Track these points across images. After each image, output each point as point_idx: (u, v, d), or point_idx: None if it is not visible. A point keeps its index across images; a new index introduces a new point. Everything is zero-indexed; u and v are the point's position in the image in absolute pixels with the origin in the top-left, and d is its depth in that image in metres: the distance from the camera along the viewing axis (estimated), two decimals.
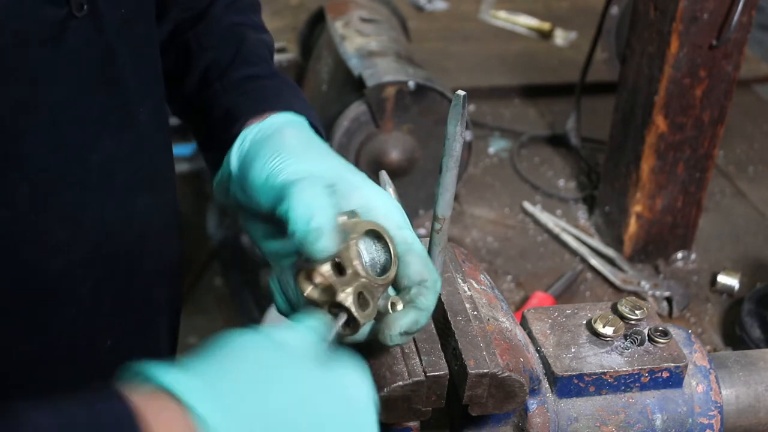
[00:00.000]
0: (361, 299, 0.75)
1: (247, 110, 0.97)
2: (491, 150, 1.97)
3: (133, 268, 0.99)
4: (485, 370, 0.77)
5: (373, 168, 1.61)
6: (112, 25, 0.89)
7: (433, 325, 0.82)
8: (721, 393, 0.90)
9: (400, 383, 0.76)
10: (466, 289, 0.86)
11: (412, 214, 1.70)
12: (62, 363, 0.94)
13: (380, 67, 1.66)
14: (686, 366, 0.87)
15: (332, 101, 1.74)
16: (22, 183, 0.84)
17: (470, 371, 0.77)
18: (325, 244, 0.76)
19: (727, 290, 1.57)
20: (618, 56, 1.92)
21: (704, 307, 1.56)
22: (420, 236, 0.86)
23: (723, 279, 1.58)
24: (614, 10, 1.91)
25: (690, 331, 0.94)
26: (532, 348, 0.87)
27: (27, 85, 0.83)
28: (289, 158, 0.87)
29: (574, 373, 0.85)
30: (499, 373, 0.77)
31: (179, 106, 1.10)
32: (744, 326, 1.44)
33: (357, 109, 1.63)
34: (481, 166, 1.91)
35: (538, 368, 0.85)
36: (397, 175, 1.64)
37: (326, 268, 0.76)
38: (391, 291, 0.80)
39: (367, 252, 0.80)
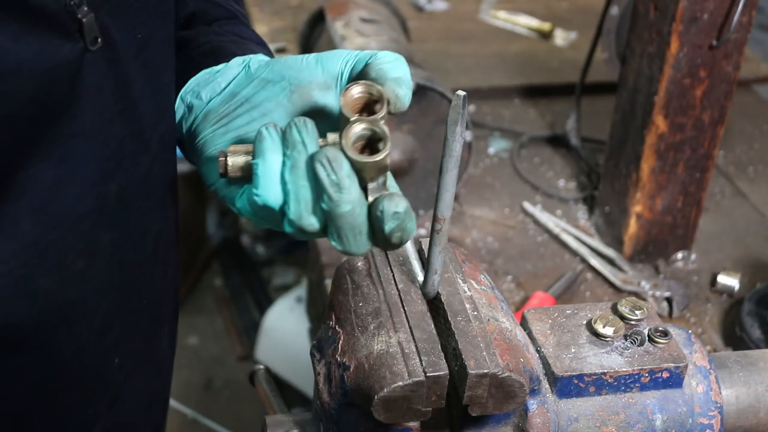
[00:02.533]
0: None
1: (237, 50, 0.97)
2: (491, 150, 1.97)
3: (142, 289, 0.99)
4: (485, 371, 0.77)
5: None
6: (128, 53, 0.88)
7: (433, 325, 0.82)
8: (721, 393, 0.90)
9: (400, 383, 0.76)
10: (466, 289, 0.86)
11: None
12: (71, 383, 0.94)
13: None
14: (686, 366, 0.87)
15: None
16: (29, 213, 0.83)
17: (470, 371, 0.77)
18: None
19: (727, 290, 1.57)
20: (618, 56, 1.92)
21: (704, 307, 1.56)
22: (420, 236, 0.86)
23: (723, 279, 1.58)
24: (614, 10, 1.91)
25: (690, 331, 0.94)
26: (532, 348, 0.87)
27: (44, 122, 0.81)
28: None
29: (574, 374, 0.85)
30: (499, 373, 0.77)
31: None
32: (744, 326, 1.44)
33: None
34: (481, 166, 1.91)
35: (538, 368, 0.85)
36: (397, 175, 1.64)
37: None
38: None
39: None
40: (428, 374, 0.77)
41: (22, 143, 0.80)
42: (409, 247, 0.89)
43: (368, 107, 0.81)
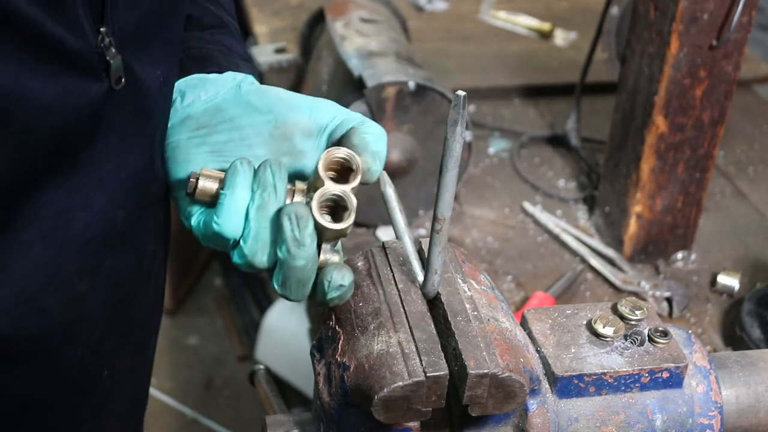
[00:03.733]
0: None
1: (223, 61, 0.99)
2: (491, 150, 1.97)
3: (137, 304, 1.02)
4: (485, 371, 0.77)
5: None
6: (148, 90, 0.90)
7: (433, 325, 0.82)
8: (721, 393, 0.90)
9: (400, 383, 0.76)
10: (466, 289, 0.86)
11: (412, 214, 1.70)
12: (65, 392, 0.97)
13: (380, 68, 1.66)
14: (686, 366, 0.87)
15: (332, 101, 1.74)
16: (41, 236, 0.86)
17: (470, 371, 0.77)
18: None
19: (727, 290, 1.57)
20: (618, 56, 1.92)
21: (704, 307, 1.56)
22: (420, 236, 0.86)
23: (723, 279, 1.58)
24: (614, 10, 1.91)
25: (690, 331, 0.94)
26: (532, 348, 0.87)
27: (62, 155, 0.84)
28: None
29: (574, 374, 0.85)
30: (499, 373, 0.77)
31: None
32: (744, 326, 1.44)
33: (357, 109, 1.63)
34: (481, 166, 1.91)
35: (538, 368, 0.85)
36: (397, 175, 1.64)
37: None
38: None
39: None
40: (428, 374, 0.77)
41: (39, 173, 0.83)
42: (409, 247, 0.89)
43: (342, 172, 0.86)
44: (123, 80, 0.86)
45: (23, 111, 0.77)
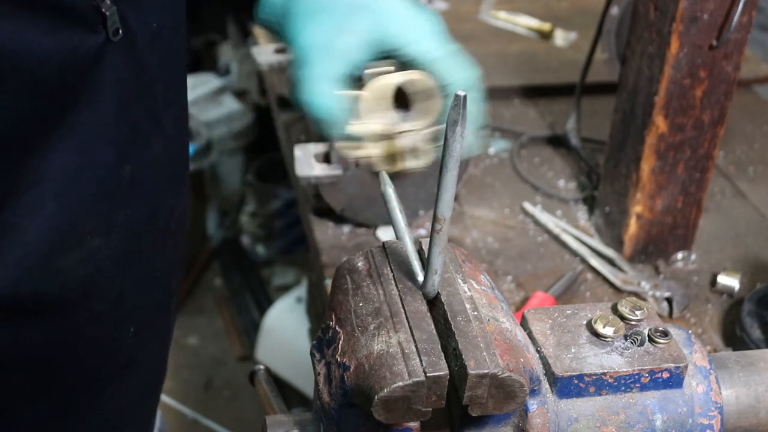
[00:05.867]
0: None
1: None
2: (491, 150, 1.97)
3: (156, 261, 1.05)
4: (485, 371, 0.77)
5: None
6: (144, 42, 0.93)
7: (433, 325, 0.82)
8: (721, 393, 0.90)
9: (400, 383, 0.76)
10: (466, 289, 0.86)
11: (412, 215, 1.70)
12: (88, 348, 1.01)
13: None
14: (686, 366, 0.87)
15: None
16: (52, 197, 0.88)
17: (470, 371, 0.77)
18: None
19: (727, 291, 1.57)
20: (618, 56, 1.92)
21: (704, 307, 1.56)
22: (420, 236, 0.86)
23: (723, 279, 1.58)
24: (614, 10, 1.91)
25: (690, 331, 0.94)
26: (532, 348, 0.87)
27: (64, 110, 0.86)
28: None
29: (574, 374, 0.85)
30: (500, 373, 0.77)
31: None
32: (744, 326, 1.44)
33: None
34: (481, 166, 1.91)
35: (538, 368, 0.85)
36: (397, 175, 1.63)
37: None
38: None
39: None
40: (428, 374, 0.77)
41: (46, 130, 0.85)
42: (409, 247, 0.89)
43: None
44: (120, 32, 0.88)
45: (22, 66, 0.79)
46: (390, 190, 0.91)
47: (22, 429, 0.90)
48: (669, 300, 1.55)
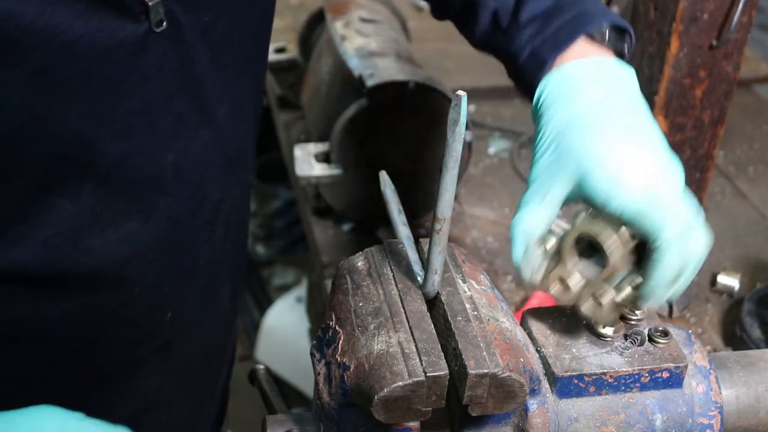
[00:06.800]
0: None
1: (539, 58, 1.06)
2: (491, 150, 1.97)
3: (200, 250, 1.04)
4: (485, 370, 0.77)
5: (373, 168, 1.61)
6: (193, 34, 0.92)
7: (433, 325, 0.82)
8: (721, 393, 0.90)
9: (400, 383, 0.76)
10: (466, 289, 0.86)
11: (412, 215, 1.70)
12: (119, 329, 1.01)
13: (380, 68, 1.66)
14: (686, 366, 0.87)
15: (332, 101, 1.74)
16: (91, 182, 0.89)
17: (470, 371, 0.77)
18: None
19: (727, 290, 1.57)
20: None
21: (704, 307, 1.56)
22: (420, 236, 0.86)
23: (723, 279, 1.58)
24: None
25: (690, 331, 0.94)
26: (532, 348, 0.87)
27: (106, 99, 0.86)
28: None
29: (574, 374, 0.85)
30: (499, 373, 0.77)
31: (476, 45, 1.18)
32: (744, 326, 1.44)
33: (357, 109, 1.63)
34: (481, 166, 1.91)
35: (538, 368, 0.85)
36: (397, 175, 1.63)
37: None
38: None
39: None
40: (428, 374, 0.77)
41: (91, 119, 0.86)
42: (409, 247, 0.89)
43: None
44: (165, 24, 0.88)
45: (51, 45, 0.79)
46: (390, 190, 0.91)
47: (51, 398, 0.90)
48: (669, 300, 1.55)
